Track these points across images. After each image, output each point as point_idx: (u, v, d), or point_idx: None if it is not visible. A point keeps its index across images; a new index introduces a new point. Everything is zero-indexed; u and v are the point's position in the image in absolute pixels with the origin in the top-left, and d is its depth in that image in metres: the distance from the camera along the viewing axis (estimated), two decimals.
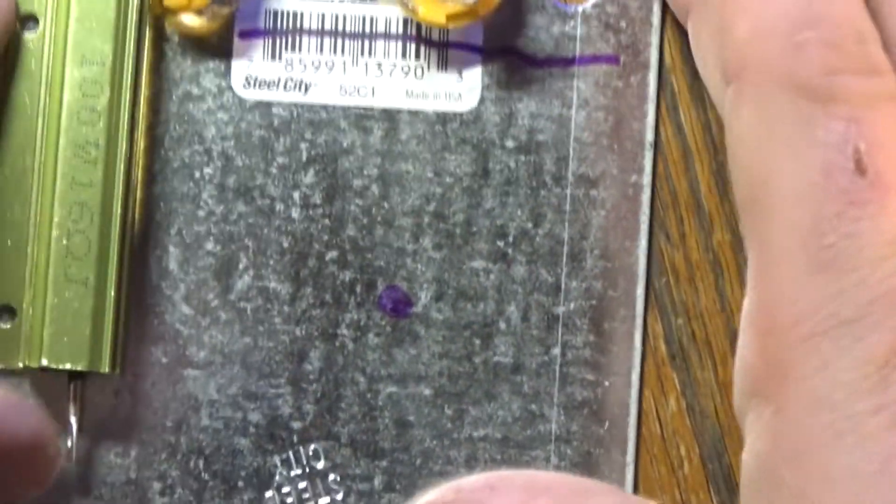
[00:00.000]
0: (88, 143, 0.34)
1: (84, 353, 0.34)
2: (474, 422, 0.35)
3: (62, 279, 0.34)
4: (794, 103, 0.29)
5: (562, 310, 0.36)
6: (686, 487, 0.37)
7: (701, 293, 0.37)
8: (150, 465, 0.35)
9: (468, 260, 0.36)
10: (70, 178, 0.34)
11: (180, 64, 0.36)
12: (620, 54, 0.37)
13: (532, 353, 0.36)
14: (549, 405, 0.36)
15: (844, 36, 0.29)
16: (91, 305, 0.34)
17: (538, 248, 0.36)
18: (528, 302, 0.36)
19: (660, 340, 0.37)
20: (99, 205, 0.34)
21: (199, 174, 0.36)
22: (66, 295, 0.34)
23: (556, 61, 0.37)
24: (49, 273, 0.34)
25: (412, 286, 0.35)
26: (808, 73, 0.29)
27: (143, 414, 0.35)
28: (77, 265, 0.34)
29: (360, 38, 0.36)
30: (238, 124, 0.36)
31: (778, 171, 0.29)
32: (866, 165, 0.28)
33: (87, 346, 0.34)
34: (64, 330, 0.34)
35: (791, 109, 0.29)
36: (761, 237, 0.29)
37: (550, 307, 0.36)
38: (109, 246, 0.34)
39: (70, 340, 0.34)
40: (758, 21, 0.29)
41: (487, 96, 0.36)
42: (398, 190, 0.36)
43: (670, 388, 0.37)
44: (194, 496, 0.35)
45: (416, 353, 0.35)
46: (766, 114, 0.29)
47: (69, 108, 0.34)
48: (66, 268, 0.34)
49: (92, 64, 0.34)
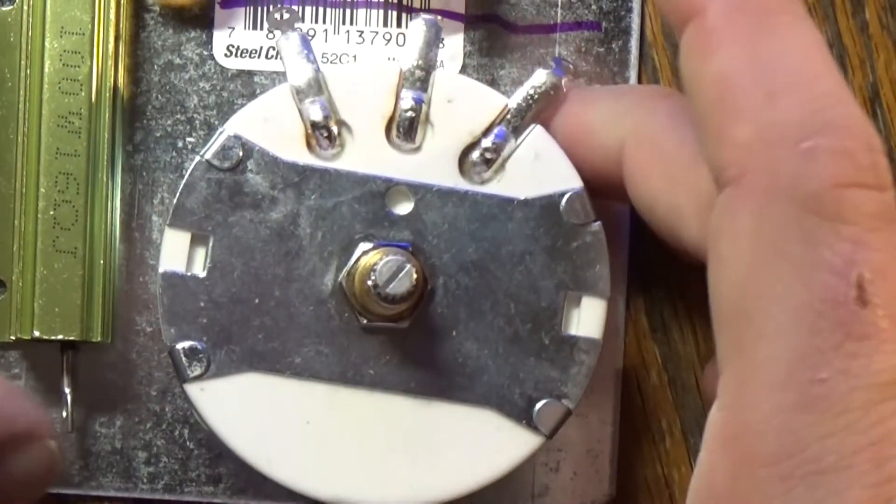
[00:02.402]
0: (71, 112, 0.34)
1: (76, 323, 0.34)
2: None
3: (51, 250, 0.34)
4: (800, 218, 0.26)
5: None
6: (668, 461, 0.37)
7: (683, 265, 0.37)
8: (136, 435, 0.36)
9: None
10: (54, 148, 0.34)
11: (162, 33, 0.36)
12: (602, 21, 0.37)
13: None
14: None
15: (856, 144, 0.26)
16: (80, 275, 0.34)
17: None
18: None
19: (640, 314, 0.37)
20: (84, 174, 0.34)
21: (182, 143, 0.36)
22: (55, 266, 0.34)
23: (538, 28, 0.37)
24: (37, 244, 0.34)
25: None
26: (818, 184, 0.26)
27: (128, 383, 0.36)
28: (65, 236, 0.34)
29: (342, 6, 0.36)
30: (220, 93, 0.36)
31: (776, 288, 0.26)
32: (869, 296, 0.26)
33: (79, 315, 0.34)
34: (54, 301, 0.34)
35: (796, 224, 0.26)
36: (747, 355, 0.27)
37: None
38: (96, 215, 0.34)
39: (61, 311, 0.34)
40: (761, 124, 0.27)
41: (469, 63, 0.36)
42: None
43: (652, 362, 0.37)
44: (179, 465, 0.36)
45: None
46: (768, 225, 0.26)
47: (50, 79, 0.34)
48: (54, 239, 0.34)
49: (71, 34, 0.34)
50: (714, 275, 0.28)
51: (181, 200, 0.32)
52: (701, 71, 0.28)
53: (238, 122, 0.32)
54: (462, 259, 0.33)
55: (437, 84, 0.33)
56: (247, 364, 0.32)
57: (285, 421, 0.32)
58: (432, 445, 0.32)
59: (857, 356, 0.26)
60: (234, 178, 0.32)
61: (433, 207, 0.33)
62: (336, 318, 0.32)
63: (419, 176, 0.33)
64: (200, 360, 0.32)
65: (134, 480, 0.36)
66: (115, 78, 0.35)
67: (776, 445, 0.26)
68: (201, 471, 0.36)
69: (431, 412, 0.32)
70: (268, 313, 0.32)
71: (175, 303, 0.32)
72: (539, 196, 0.33)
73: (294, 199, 0.32)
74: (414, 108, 0.32)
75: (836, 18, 0.37)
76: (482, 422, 0.32)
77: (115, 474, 0.36)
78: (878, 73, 0.37)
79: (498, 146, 0.33)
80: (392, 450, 0.32)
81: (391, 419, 0.32)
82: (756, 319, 0.27)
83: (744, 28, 0.28)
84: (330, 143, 0.32)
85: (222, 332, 0.32)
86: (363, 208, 0.32)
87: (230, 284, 0.32)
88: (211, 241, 0.32)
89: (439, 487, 0.32)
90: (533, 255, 0.33)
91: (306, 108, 0.32)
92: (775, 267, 0.26)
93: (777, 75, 0.27)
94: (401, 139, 0.33)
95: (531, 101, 0.33)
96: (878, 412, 0.26)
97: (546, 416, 0.32)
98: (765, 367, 0.26)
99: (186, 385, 0.32)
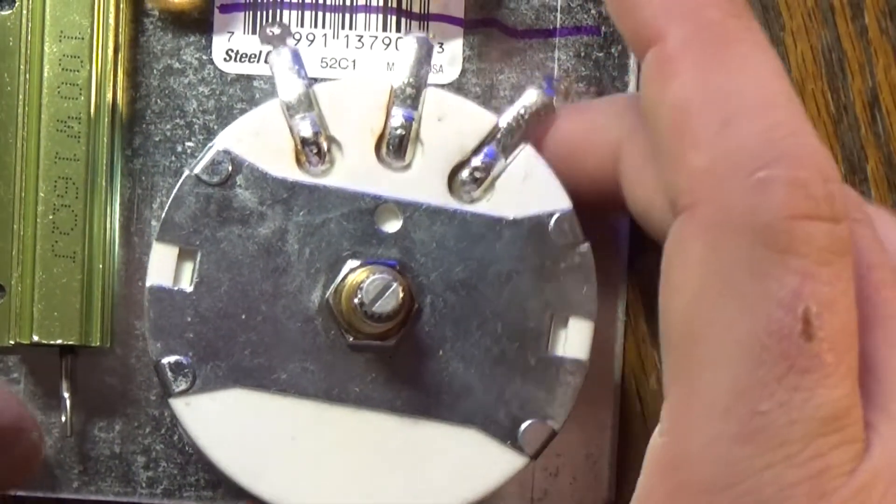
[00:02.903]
0: (70, 117, 0.34)
1: (75, 328, 0.34)
2: None
3: (49, 255, 0.34)
4: (751, 250, 0.26)
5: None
6: None
7: None
8: (135, 439, 0.36)
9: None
10: (53, 153, 0.34)
11: (161, 38, 0.36)
12: (601, 25, 0.36)
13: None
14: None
15: (811, 175, 0.26)
16: (79, 280, 0.34)
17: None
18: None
19: (640, 319, 0.37)
20: (83, 179, 0.34)
21: (181, 148, 0.36)
22: (54, 270, 0.34)
23: (537, 33, 0.36)
24: (36, 249, 0.34)
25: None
26: (769, 216, 0.26)
27: (127, 388, 0.36)
28: (64, 240, 0.34)
29: (341, 10, 0.36)
30: (219, 98, 0.36)
31: (722, 319, 0.26)
32: (815, 330, 0.26)
33: (78, 320, 0.34)
34: (54, 305, 0.34)
35: (746, 256, 0.26)
36: (690, 384, 0.27)
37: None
38: (95, 219, 0.34)
39: (60, 315, 0.34)
40: (716, 152, 0.27)
41: (469, 68, 0.36)
42: None
43: (651, 367, 0.37)
44: (178, 470, 0.36)
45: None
46: (718, 255, 0.26)
47: (49, 84, 0.34)
48: (53, 243, 0.34)
49: (71, 38, 0.34)
50: (664, 301, 0.28)
51: (169, 215, 0.32)
52: (659, 97, 0.28)
53: (228, 137, 0.32)
54: (449, 278, 0.32)
55: (428, 102, 0.33)
56: (232, 380, 0.32)
57: (270, 437, 0.32)
58: (417, 464, 0.32)
59: (798, 389, 0.26)
60: (223, 193, 0.32)
61: (422, 226, 0.32)
62: (322, 335, 0.32)
63: (408, 194, 0.32)
64: (186, 374, 0.32)
65: (133, 485, 0.36)
66: (115, 82, 0.35)
67: (714, 475, 0.26)
68: (200, 475, 0.36)
69: (416, 431, 0.32)
70: (254, 329, 0.32)
71: (161, 317, 0.32)
72: (528, 216, 0.33)
73: (282, 215, 0.32)
74: (404, 125, 0.32)
75: (836, 23, 0.36)
76: (467, 441, 0.32)
77: (113, 479, 0.36)
78: (877, 77, 0.37)
79: (487, 165, 0.32)
80: (377, 467, 0.32)
81: (376, 437, 0.32)
82: (701, 348, 0.27)
83: (702, 56, 0.28)
84: (319, 159, 0.32)
85: (208, 348, 0.32)
86: (351, 225, 0.32)
87: (217, 299, 0.32)
88: (198, 256, 0.32)
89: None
90: (520, 275, 0.32)
91: (296, 124, 0.32)
92: (723, 297, 0.26)
93: (732, 104, 0.27)
94: (390, 157, 0.32)
95: (521, 121, 0.33)
96: (817, 446, 0.26)
97: (531, 437, 0.32)
98: (706, 395, 0.26)
99: (172, 400, 0.32)
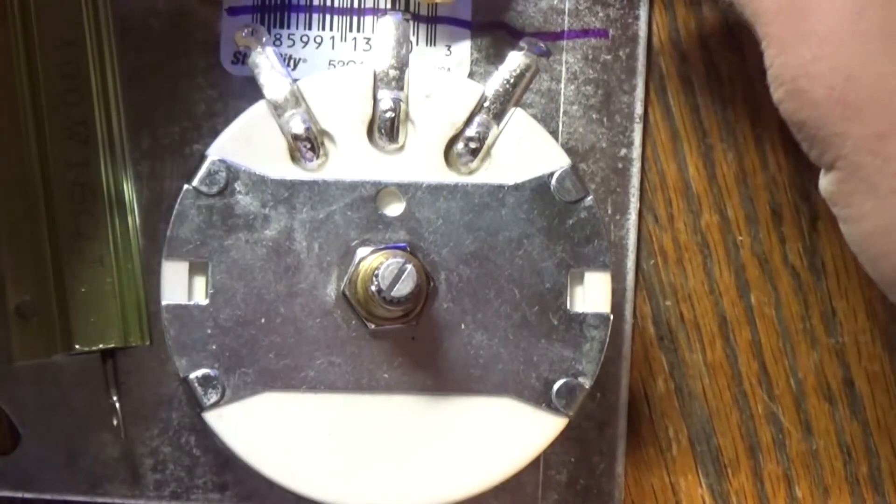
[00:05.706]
0: (76, 123, 0.33)
1: (115, 330, 0.33)
2: None
3: (76, 262, 0.33)
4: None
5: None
6: (674, 469, 0.37)
7: (689, 275, 0.37)
8: (143, 442, 0.36)
9: None
10: (64, 160, 0.33)
11: (169, 40, 0.36)
12: (609, 28, 0.36)
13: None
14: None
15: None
16: (110, 282, 0.33)
17: None
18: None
19: (648, 322, 0.37)
20: (98, 181, 0.34)
21: (189, 150, 0.36)
22: (84, 276, 0.33)
23: (545, 35, 0.36)
24: (62, 258, 0.33)
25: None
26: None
27: (136, 391, 0.36)
28: (89, 245, 0.33)
29: (349, 13, 0.36)
30: (227, 100, 0.36)
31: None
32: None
33: (116, 322, 0.33)
34: (89, 311, 0.33)
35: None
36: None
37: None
38: (116, 220, 0.34)
39: (97, 320, 0.33)
40: None
41: (476, 70, 0.36)
42: None
43: (658, 370, 0.37)
44: (186, 472, 0.36)
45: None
46: None
47: (50, 92, 0.33)
48: (80, 250, 0.33)
49: (66, 45, 0.33)
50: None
51: (174, 231, 0.32)
52: None
53: (220, 146, 0.32)
54: (461, 252, 0.32)
55: (413, 81, 0.32)
56: (261, 384, 0.32)
57: (306, 435, 0.32)
58: (457, 441, 0.32)
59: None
60: (224, 202, 0.32)
61: (425, 204, 0.32)
62: (343, 326, 0.32)
63: (407, 175, 0.32)
64: (215, 386, 0.32)
65: (141, 487, 0.36)
66: (116, 85, 0.34)
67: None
68: (208, 478, 0.36)
69: (451, 408, 0.32)
70: (275, 331, 0.32)
71: (182, 334, 0.32)
72: (528, 179, 0.32)
73: (286, 215, 0.32)
74: (393, 107, 0.32)
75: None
76: (502, 411, 0.32)
77: (121, 481, 0.36)
78: None
79: (481, 134, 0.32)
80: (417, 450, 0.32)
81: (412, 420, 0.32)
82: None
83: None
84: (314, 154, 0.32)
85: (233, 357, 0.32)
86: (356, 214, 0.32)
87: (234, 308, 0.32)
88: (210, 268, 0.32)
89: (469, 481, 0.32)
90: (530, 239, 0.32)
91: (286, 122, 0.32)
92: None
93: None
94: (384, 140, 0.32)
95: (508, 86, 0.33)
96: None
97: (565, 396, 0.32)
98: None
99: (205, 414, 0.32)
